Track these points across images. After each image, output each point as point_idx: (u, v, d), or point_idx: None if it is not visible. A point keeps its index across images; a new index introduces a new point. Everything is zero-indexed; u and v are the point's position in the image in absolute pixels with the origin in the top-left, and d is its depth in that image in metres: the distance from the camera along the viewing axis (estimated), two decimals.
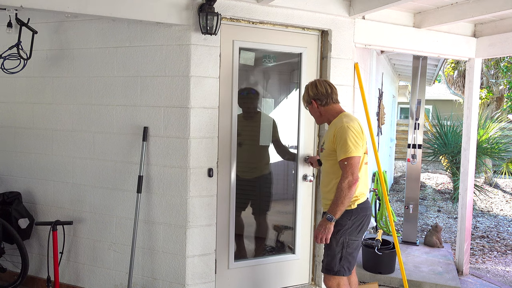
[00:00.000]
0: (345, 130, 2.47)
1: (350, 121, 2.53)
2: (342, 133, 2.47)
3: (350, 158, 2.44)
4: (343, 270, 2.59)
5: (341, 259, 2.57)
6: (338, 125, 2.53)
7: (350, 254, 2.59)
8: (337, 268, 2.58)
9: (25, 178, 3.54)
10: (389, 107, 7.68)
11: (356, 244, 2.62)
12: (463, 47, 3.98)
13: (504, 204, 8.07)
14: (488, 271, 4.58)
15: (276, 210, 3.78)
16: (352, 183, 2.42)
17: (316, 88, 2.65)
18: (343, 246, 2.56)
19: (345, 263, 2.58)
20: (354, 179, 2.43)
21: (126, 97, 3.10)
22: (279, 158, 3.63)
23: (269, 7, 3.07)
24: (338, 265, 2.58)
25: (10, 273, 3.48)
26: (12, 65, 3.12)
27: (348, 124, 2.49)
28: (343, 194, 2.42)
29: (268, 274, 3.40)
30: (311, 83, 2.71)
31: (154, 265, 3.11)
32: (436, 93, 16.93)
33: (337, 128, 2.52)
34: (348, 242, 2.56)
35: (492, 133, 8.33)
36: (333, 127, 2.59)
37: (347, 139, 2.44)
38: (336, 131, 2.51)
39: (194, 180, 2.96)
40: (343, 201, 2.43)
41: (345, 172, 2.44)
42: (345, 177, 2.43)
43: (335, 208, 2.44)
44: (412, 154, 4.88)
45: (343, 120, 2.54)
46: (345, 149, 2.44)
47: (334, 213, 2.45)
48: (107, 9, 2.67)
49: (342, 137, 2.46)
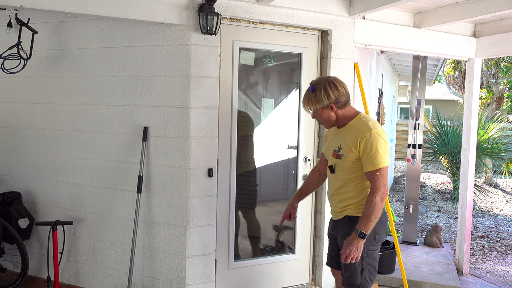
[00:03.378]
0: (375, 137, 2.21)
1: (376, 124, 2.27)
2: (373, 141, 2.21)
3: (382, 169, 2.21)
4: (366, 282, 2.39)
5: (362, 271, 2.38)
6: (365, 131, 2.24)
7: (371, 264, 2.39)
8: (360, 281, 2.39)
9: (25, 178, 3.54)
10: (389, 107, 7.68)
11: (376, 254, 2.42)
12: (463, 47, 3.99)
13: (504, 204, 8.07)
14: (488, 271, 4.58)
15: (276, 210, 3.77)
16: (384, 195, 2.21)
17: (337, 90, 2.29)
18: (362, 258, 2.34)
19: (367, 274, 2.39)
20: (386, 190, 2.22)
21: (126, 97, 3.10)
22: (279, 158, 3.63)
23: (269, 7, 3.07)
24: (360, 278, 2.38)
25: (10, 273, 3.48)
26: (12, 65, 3.12)
27: (377, 131, 2.23)
28: (377, 208, 2.19)
29: (268, 274, 3.40)
30: (328, 85, 2.30)
31: (154, 265, 3.11)
32: (436, 93, 16.94)
33: (364, 135, 2.23)
34: (367, 252, 2.36)
35: (492, 133, 8.33)
36: (355, 131, 2.28)
37: (379, 148, 2.20)
38: (364, 138, 2.23)
39: (194, 180, 2.96)
40: (377, 215, 2.20)
41: (377, 184, 2.20)
42: (377, 189, 2.20)
43: (368, 224, 2.20)
44: (412, 154, 4.88)
45: (368, 125, 2.25)
46: (377, 159, 2.20)
47: (367, 229, 2.21)
48: (107, 9, 2.67)
49: (373, 146, 2.20)
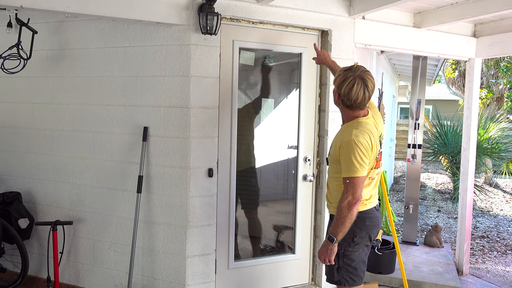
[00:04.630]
0: (351, 146, 2.19)
1: (360, 134, 2.23)
2: (348, 149, 2.20)
3: (353, 178, 2.19)
4: (344, 280, 2.43)
5: (339, 269, 2.42)
6: (346, 137, 2.24)
7: (349, 264, 2.41)
8: (337, 278, 2.45)
9: (25, 178, 3.54)
10: (389, 107, 7.68)
11: (356, 255, 2.41)
12: (463, 47, 3.98)
13: (504, 204, 8.07)
14: (488, 271, 4.58)
15: (276, 210, 3.78)
16: (352, 203, 2.19)
17: (347, 88, 2.23)
18: (339, 257, 2.39)
19: (345, 273, 2.42)
20: (355, 199, 2.19)
21: (126, 97, 3.10)
22: (279, 158, 3.63)
23: (269, 7, 3.07)
24: (337, 275, 2.44)
25: (10, 273, 3.48)
26: (12, 65, 3.12)
27: (357, 139, 2.20)
28: (343, 214, 2.21)
29: (268, 274, 3.40)
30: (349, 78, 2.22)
31: (154, 265, 3.11)
32: (436, 93, 16.94)
33: (344, 141, 2.24)
34: (344, 252, 2.39)
35: (492, 133, 8.33)
36: (341, 136, 2.32)
37: (352, 157, 2.18)
38: (343, 144, 2.24)
39: (194, 180, 2.95)
40: (344, 222, 2.21)
41: (346, 192, 2.21)
42: (345, 197, 2.21)
43: (336, 229, 2.24)
44: (412, 154, 4.88)
45: (352, 133, 2.23)
46: (349, 167, 2.20)
47: (335, 234, 2.25)
48: (107, 9, 2.67)
49: (348, 153, 2.20)
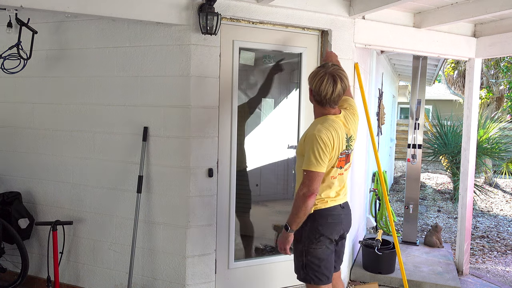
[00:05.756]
0: (312, 141, 2.24)
1: (324, 130, 2.26)
2: (309, 143, 2.25)
3: (310, 172, 2.22)
4: (309, 278, 2.41)
5: (304, 266, 2.41)
6: (310, 131, 2.29)
7: (313, 262, 2.38)
8: (303, 276, 2.44)
9: (25, 178, 3.54)
10: (389, 107, 7.68)
11: (319, 253, 2.38)
12: (463, 47, 3.98)
13: (504, 204, 8.07)
14: (488, 271, 4.58)
15: (276, 210, 3.78)
16: (307, 195, 2.20)
17: (320, 84, 2.29)
18: (303, 253, 2.39)
19: (310, 270, 2.39)
20: (310, 192, 2.21)
21: (126, 97, 3.10)
22: (279, 158, 3.63)
23: (269, 7, 3.07)
24: (302, 272, 2.43)
25: (10, 273, 3.48)
26: (12, 65, 3.12)
27: (319, 134, 2.23)
28: (297, 204, 2.24)
29: (268, 274, 3.40)
30: (319, 74, 2.31)
31: (154, 265, 3.11)
32: (436, 93, 16.94)
33: (308, 134, 2.29)
34: (308, 250, 2.38)
35: (492, 133, 8.34)
36: (307, 130, 2.35)
37: (311, 151, 2.22)
38: (307, 137, 2.29)
39: (194, 180, 2.96)
40: (298, 212, 2.24)
41: (303, 183, 2.24)
42: (301, 188, 2.24)
43: (291, 218, 2.28)
44: (412, 154, 4.88)
45: (316, 127, 2.27)
46: (308, 161, 2.23)
47: (290, 223, 2.28)
48: (107, 9, 2.67)
49: (309, 147, 2.24)
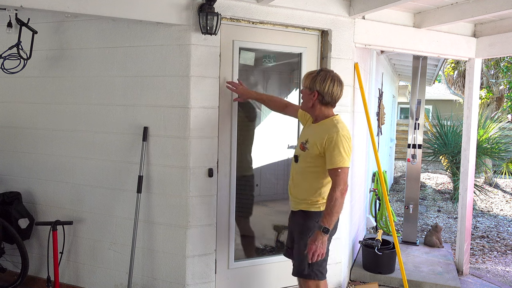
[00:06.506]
0: (340, 139, 2.38)
1: (344, 129, 2.45)
2: (337, 142, 2.38)
3: (344, 168, 2.37)
4: (314, 274, 2.49)
5: (311, 263, 2.44)
6: (332, 132, 2.41)
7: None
8: (307, 272, 2.49)
9: (25, 178, 3.54)
10: (389, 107, 7.68)
11: (327, 248, 2.45)
12: (463, 47, 3.98)
13: (504, 204, 8.07)
14: (488, 271, 4.58)
15: (276, 210, 3.78)
16: (344, 190, 2.36)
17: (328, 87, 2.45)
18: None
19: (315, 266, 2.47)
20: (346, 186, 2.38)
21: (126, 97, 3.10)
22: (279, 158, 3.63)
23: (269, 7, 3.07)
24: (307, 269, 2.48)
25: (10, 273, 3.48)
26: (12, 65, 3.11)
27: (343, 133, 2.41)
28: (337, 203, 2.34)
29: (268, 274, 3.40)
30: (329, 77, 2.46)
31: (154, 265, 3.11)
32: (436, 93, 16.94)
33: (331, 134, 2.41)
34: None
35: (492, 133, 8.34)
36: (324, 130, 2.46)
37: (341, 149, 2.37)
38: (329, 138, 2.40)
39: (194, 180, 2.95)
40: (338, 210, 2.35)
41: (338, 181, 2.36)
42: (337, 186, 2.35)
43: (330, 219, 2.34)
44: (412, 154, 4.88)
45: (337, 127, 2.43)
46: (339, 158, 2.37)
47: (330, 224, 2.34)
48: (107, 9, 2.67)
49: (336, 146, 2.37)
